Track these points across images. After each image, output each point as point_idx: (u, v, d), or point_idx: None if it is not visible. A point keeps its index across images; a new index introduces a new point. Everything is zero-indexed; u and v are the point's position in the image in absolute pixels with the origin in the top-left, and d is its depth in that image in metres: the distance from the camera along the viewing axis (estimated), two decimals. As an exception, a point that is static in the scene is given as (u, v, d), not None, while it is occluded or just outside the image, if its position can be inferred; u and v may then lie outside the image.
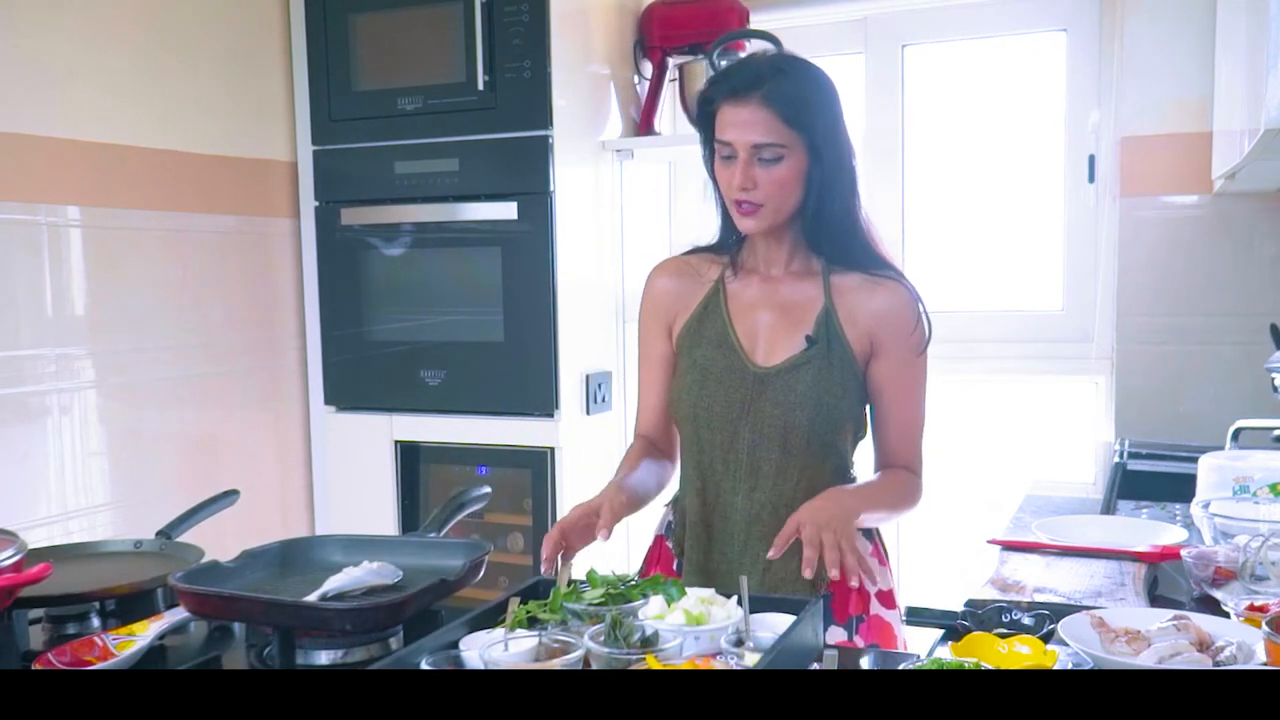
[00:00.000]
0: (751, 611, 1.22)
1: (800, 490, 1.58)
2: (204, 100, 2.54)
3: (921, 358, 1.64)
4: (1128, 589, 1.47)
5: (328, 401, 2.80)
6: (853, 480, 1.65)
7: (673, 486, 1.73)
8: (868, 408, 1.66)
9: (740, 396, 1.60)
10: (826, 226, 1.60)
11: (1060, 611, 1.29)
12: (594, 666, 1.11)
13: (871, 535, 1.68)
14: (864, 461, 1.69)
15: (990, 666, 1.12)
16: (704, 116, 1.60)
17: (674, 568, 1.67)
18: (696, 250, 1.74)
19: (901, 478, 1.64)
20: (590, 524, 1.46)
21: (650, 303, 1.73)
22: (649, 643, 1.12)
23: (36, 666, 1.24)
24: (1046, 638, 1.22)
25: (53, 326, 2.20)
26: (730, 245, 1.69)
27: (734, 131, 1.54)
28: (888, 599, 1.62)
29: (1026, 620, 1.31)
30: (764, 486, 1.60)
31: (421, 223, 2.65)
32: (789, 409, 1.57)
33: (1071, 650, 1.18)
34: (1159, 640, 1.17)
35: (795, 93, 1.53)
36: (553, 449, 2.58)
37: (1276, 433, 2.01)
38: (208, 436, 2.57)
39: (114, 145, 2.32)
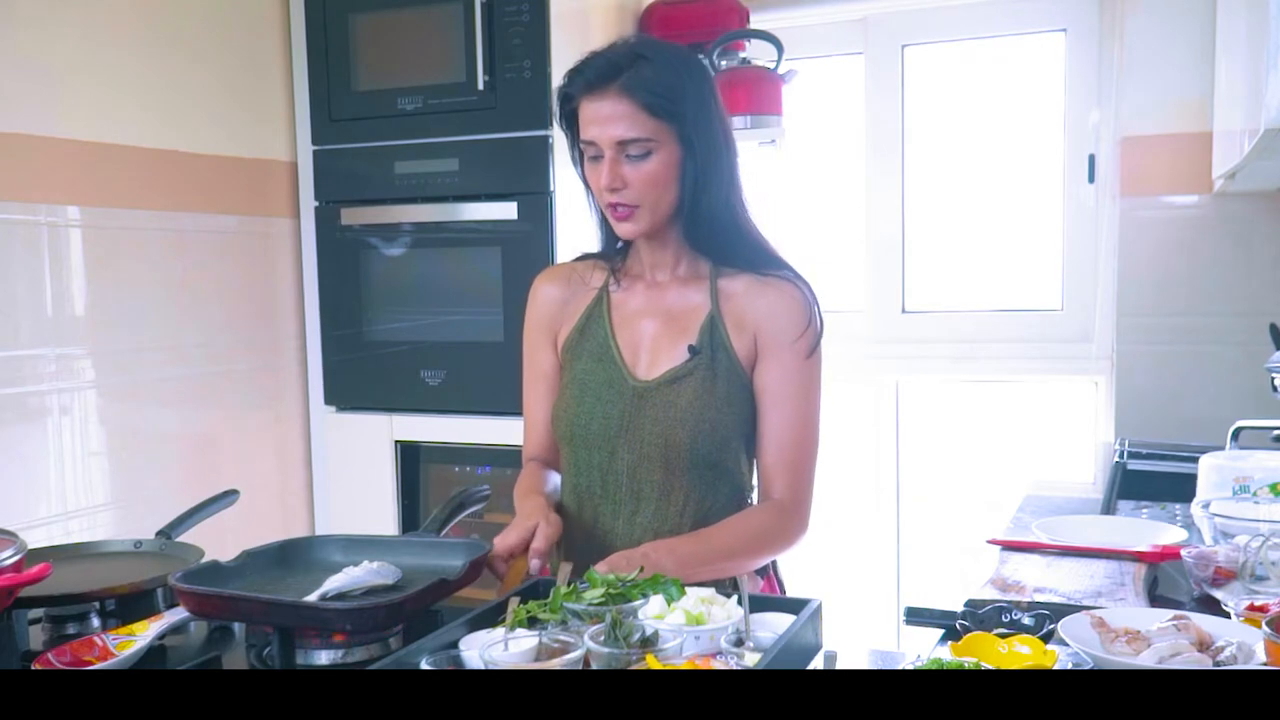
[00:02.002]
0: (751, 611, 1.21)
1: (687, 516, 1.49)
2: (204, 100, 2.54)
3: (810, 364, 1.50)
4: (1128, 589, 1.47)
5: (328, 401, 2.80)
6: (746, 506, 1.54)
7: None
8: None
9: (618, 412, 1.50)
10: (706, 225, 1.49)
11: (1060, 611, 1.29)
12: (594, 666, 1.11)
13: (767, 570, 1.59)
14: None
15: (990, 666, 1.12)
16: (566, 115, 1.49)
17: None
18: (586, 256, 1.64)
19: (752, 520, 1.49)
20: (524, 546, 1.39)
21: (533, 313, 1.63)
22: (649, 643, 1.12)
23: (36, 666, 1.24)
24: (1046, 638, 1.22)
25: (53, 326, 2.20)
26: (613, 252, 1.60)
27: (595, 128, 1.43)
28: None
29: (1026, 620, 1.31)
30: (646, 511, 1.50)
31: (421, 223, 2.65)
32: (669, 425, 1.47)
33: (1071, 650, 1.18)
34: (1159, 640, 1.16)
35: (658, 79, 1.41)
36: (553, 449, 2.58)
37: (1276, 433, 2.00)
38: (208, 436, 2.57)
39: (114, 145, 2.32)
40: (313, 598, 1.29)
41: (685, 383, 1.49)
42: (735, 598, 1.22)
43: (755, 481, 1.58)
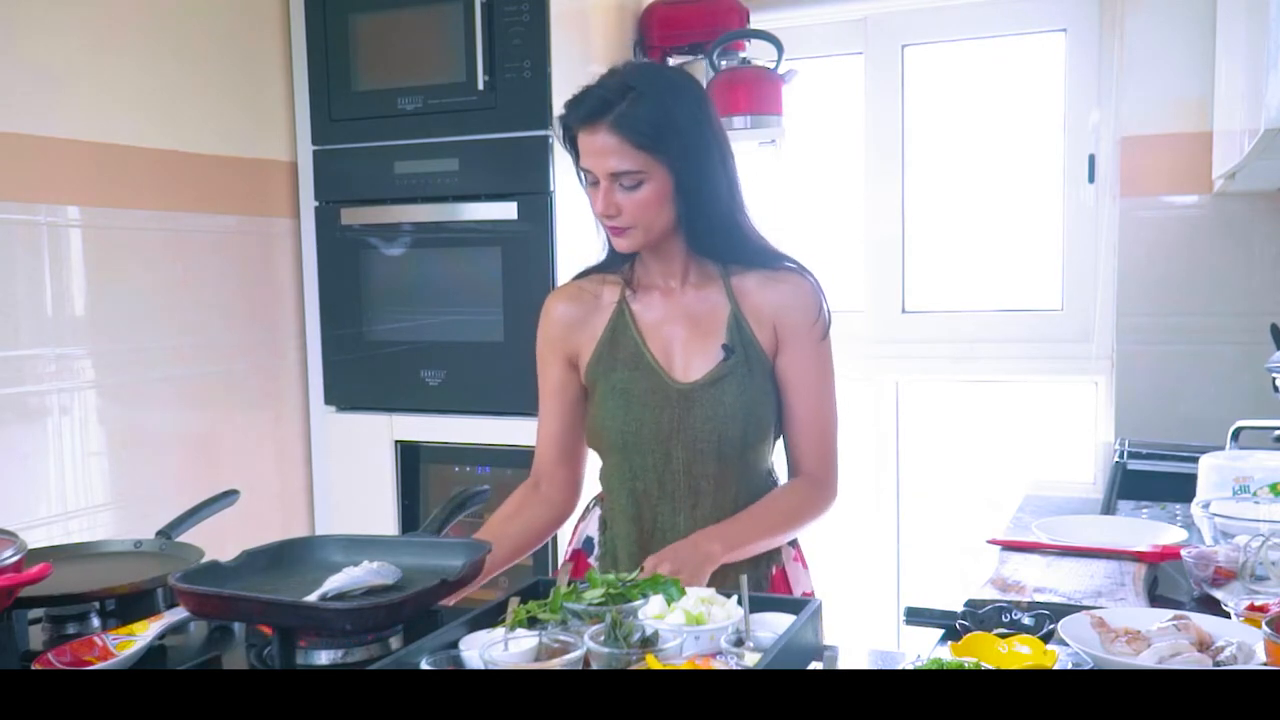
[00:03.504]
0: (751, 611, 1.22)
1: (739, 500, 1.59)
2: (204, 100, 2.54)
3: (824, 348, 1.61)
4: (1128, 589, 1.47)
5: (328, 401, 2.80)
6: (775, 484, 1.64)
7: (584, 506, 1.71)
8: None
9: (669, 415, 1.57)
10: (710, 234, 1.57)
11: (1060, 611, 1.29)
12: (594, 666, 1.11)
13: (794, 541, 1.68)
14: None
15: (990, 666, 1.12)
16: (568, 140, 1.56)
17: None
18: (588, 272, 1.70)
19: (789, 496, 1.62)
20: None
21: (545, 331, 1.69)
22: (649, 643, 1.12)
23: (36, 666, 1.24)
24: (1046, 638, 1.22)
25: (53, 326, 2.20)
26: (619, 264, 1.66)
27: (590, 160, 1.51)
28: None
29: (1026, 620, 1.31)
30: (705, 503, 1.59)
31: (421, 223, 2.65)
32: (721, 422, 1.55)
33: (1071, 650, 1.18)
34: (1159, 640, 1.17)
35: (647, 115, 1.48)
36: (553, 449, 2.58)
37: (1277, 433, 2.00)
38: (208, 436, 2.57)
39: (114, 145, 2.32)
40: (313, 598, 1.29)
41: (728, 381, 1.57)
42: (735, 598, 1.22)
43: (774, 460, 1.67)
